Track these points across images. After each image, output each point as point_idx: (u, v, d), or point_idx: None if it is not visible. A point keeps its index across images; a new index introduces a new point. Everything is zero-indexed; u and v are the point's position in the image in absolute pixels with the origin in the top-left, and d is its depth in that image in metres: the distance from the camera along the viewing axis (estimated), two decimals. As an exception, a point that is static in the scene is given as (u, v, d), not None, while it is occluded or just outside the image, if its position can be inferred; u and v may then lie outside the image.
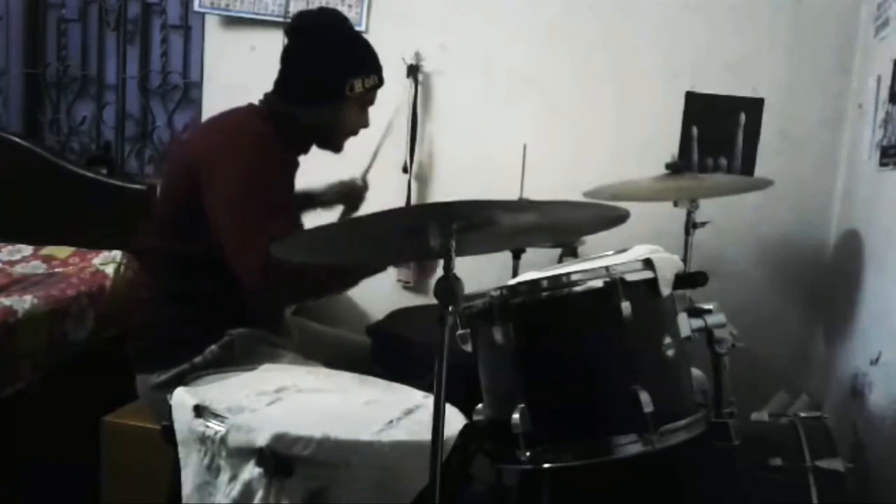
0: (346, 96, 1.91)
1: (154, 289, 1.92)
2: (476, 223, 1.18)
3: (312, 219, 2.15)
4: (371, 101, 2.00)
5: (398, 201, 2.69)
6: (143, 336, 1.91)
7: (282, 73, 1.95)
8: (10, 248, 2.65)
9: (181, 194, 1.84)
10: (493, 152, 2.63)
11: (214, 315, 1.82)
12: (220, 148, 1.82)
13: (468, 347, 1.34)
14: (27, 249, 2.64)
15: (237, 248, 1.72)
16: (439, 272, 1.16)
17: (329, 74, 1.91)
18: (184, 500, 1.29)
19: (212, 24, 2.89)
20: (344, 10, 2.72)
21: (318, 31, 1.94)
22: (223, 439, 1.22)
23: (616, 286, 1.29)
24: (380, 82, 1.98)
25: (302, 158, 2.03)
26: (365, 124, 2.01)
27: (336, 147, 2.02)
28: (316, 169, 2.15)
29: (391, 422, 1.33)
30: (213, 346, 1.81)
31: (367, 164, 2.32)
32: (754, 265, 2.62)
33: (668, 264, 1.36)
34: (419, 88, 2.72)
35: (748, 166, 2.59)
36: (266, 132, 1.85)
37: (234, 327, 1.84)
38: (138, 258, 2.02)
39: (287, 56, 1.95)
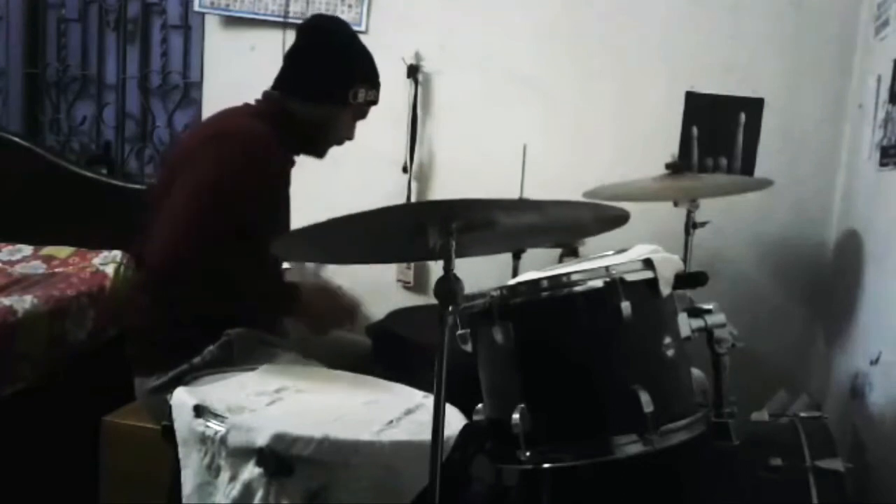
0: (349, 102, 1.95)
1: (154, 291, 1.92)
2: (476, 223, 1.18)
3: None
4: (363, 115, 2.03)
5: (398, 201, 2.69)
6: (141, 339, 1.91)
7: (289, 69, 1.97)
8: (10, 248, 2.65)
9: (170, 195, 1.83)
10: (493, 152, 2.63)
11: (212, 316, 1.82)
12: (202, 147, 1.83)
13: (468, 347, 1.34)
14: (27, 249, 2.64)
15: (168, 227, 1.74)
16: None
17: (339, 76, 1.94)
18: (184, 500, 1.29)
19: (212, 24, 2.89)
20: (344, 9, 2.73)
21: (333, 34, 1.99)
22: (223, 439, 1.22)
23: (616, 286, 1.29)
24: (376, 100, 2.02)
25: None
26: (350, 137, 2.04)
27: (321, 152, 2.05)
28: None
29: (391, 422, 1.33)
30: (211, 347, 1.80)
31: None
32: (754, 265, 2.62)
33: (668, 264, 1.36)
34: (419, 88, 2.72)
35: (748, 166, 2.59)
36: (262, 132, 1.85)
37: (232, 327, 1.84)
38: (135, 261, 2.02)
39: (297, 53, 1.97)
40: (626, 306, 1.28)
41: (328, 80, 1.94)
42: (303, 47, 1.97)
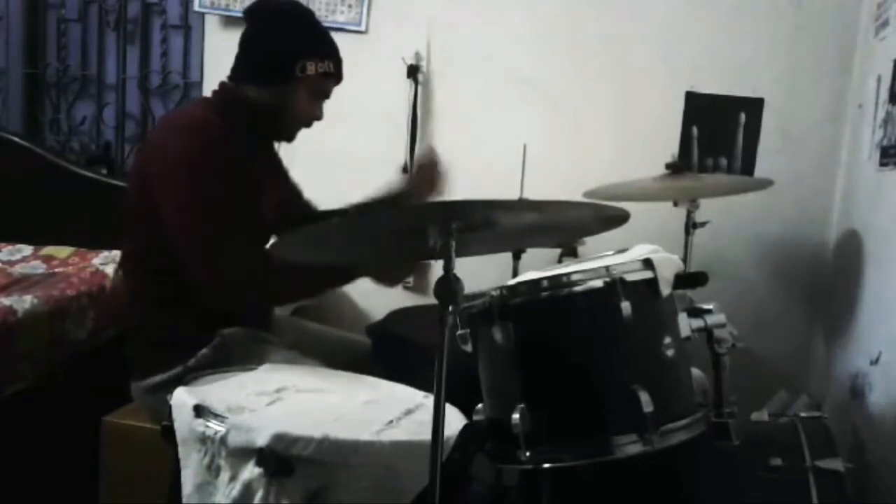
0: (297, 77, 1.86)
1: (142, 293, 1.90)
2: (476, 223, 1.18)
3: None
4: (324, 93, 1.95)
5: (398, 201, 2.69)
6: (136, 340, 1.90)
7: (237, 56, 1.92)
8: (10, 248, 2.65)
9: (140, 196, 1.82)
10: (493, 152, 2.63)
11: (204, 317, 1.80)
12: (163, 147, 1.80)
13: (468, 347, 1.34)
14: (27, 249, 2.64)
15: (189, 254, 1.72)
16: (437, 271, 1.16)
17: (280, 52, 1.87)
18: (184, 500, 1.29)
19: (212, 24, 2.90)
20: (344, 9, 2.73)
21: (276, 13, 1.92)
22: (223, 439, 1.22)
23: (616, 286, 1.29)
24: (335, 72, 1.92)
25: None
26: (317, 116, 1.95)
27: (286, 136, 1.97)
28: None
29: (391, 422, 1.33)
30: (204, 350, 1.79)
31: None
32: (754, 265, 2.62)
33: (668, 264, 1.36)
34: (419, 88, 2.72)
35: (748, 166, 2.59)
36: (211, 122, 1.80)
37: (225, 327, 1.83)
38: (125, 262, 2.00)
39: (243, 38, 1.92)
40: (626, 306, 1.28)
41: (271, 57, 1.87)
42: (247, 31, 1.92)
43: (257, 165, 1.92)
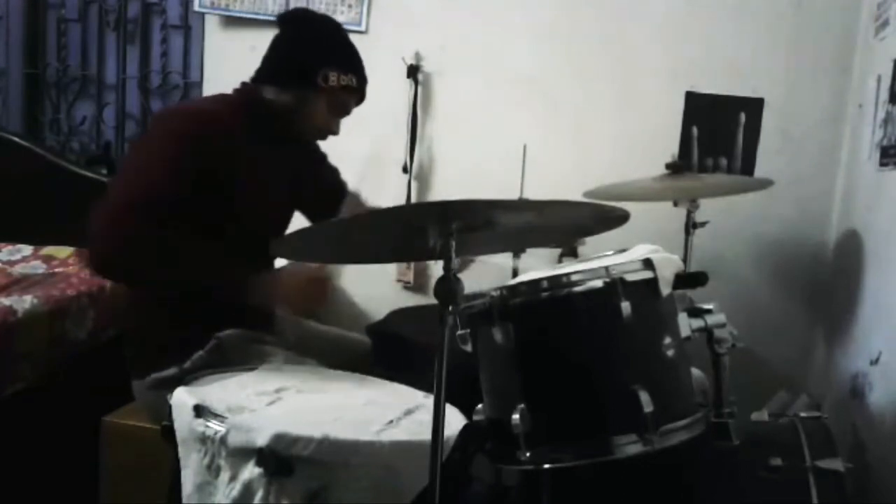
0: (318, 86, 1.88)
1: (141, 293, 1.90)
2: (476, 223, 1.18)
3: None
4: (344, 108, 1.96)
5: (398, 201, 2.69)
6: (135, 340, 1.90)
7: (265, 59, 1.96)
8: (10, 248, 2.65)
9: None
10: (493, 152, 2.63)
11: (202, 318, 1.80)
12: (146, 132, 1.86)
13: (468, 347, 1.34)
14: (27, 249, 2.64)
15: (99, 210, 1.68)
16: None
17: (307, 59, 1.89)
18: (184, 500, 1.29)
19: (212, 24, 2.90)
20: (344, 10, 2.73)
21: (306, 21, 1.97)
22: (223, 439, 1.22)
23: (616, 286, 1.29)
24: (357, 86, 1.95)
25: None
26: (333, 131, 1.97)
27: (299, 142, 2.00)
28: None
29: (391, 422, 1.33)
30: (200, 352, 1.78)
31: None
32: (754, 265, 2.62)
33: (668, 264, 1.36)
34: (419, 89, 2.72)
35: (748, 166, 2.59)
36: (208, 110, 1.82)
37: (223, 329, 1.82)
38: None
39: (273, 42, 1.96)
40: (625, 306, 1.28)
41: (294, 62, 1.90)
42: (278, 36, 1.96)
43: (262, 164, 1.91)
